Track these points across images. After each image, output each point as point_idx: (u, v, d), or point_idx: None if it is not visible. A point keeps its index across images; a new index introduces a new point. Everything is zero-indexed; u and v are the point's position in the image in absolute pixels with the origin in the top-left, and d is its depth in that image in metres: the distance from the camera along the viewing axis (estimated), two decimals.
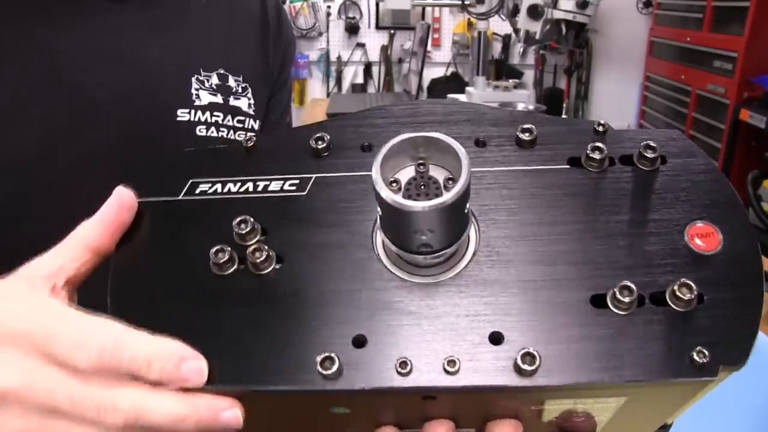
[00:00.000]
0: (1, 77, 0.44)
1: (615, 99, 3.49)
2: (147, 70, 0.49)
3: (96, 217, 0.32)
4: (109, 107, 0.47)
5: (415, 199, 0.27)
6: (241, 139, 0.41)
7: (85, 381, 0.27)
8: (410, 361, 0.27)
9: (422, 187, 0.28)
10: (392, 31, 3.45)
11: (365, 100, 2.04)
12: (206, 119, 0.51)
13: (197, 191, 0.33)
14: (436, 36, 3.46)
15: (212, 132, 0.51)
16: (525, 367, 0.26)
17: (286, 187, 0.33)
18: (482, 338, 0.28)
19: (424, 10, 3.34)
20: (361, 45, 3.49)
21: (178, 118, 0.50)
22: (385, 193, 0.26)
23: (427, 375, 0.27)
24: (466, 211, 0.28)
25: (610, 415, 0.30)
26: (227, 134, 0.52)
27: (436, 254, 0.29)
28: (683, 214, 0.30)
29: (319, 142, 0.33)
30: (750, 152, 2.40)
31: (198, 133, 0.50)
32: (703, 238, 0.30)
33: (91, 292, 0.31)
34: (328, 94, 3.46)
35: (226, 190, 0.33)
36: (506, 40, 3.44)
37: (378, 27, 3.47)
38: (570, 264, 0.29)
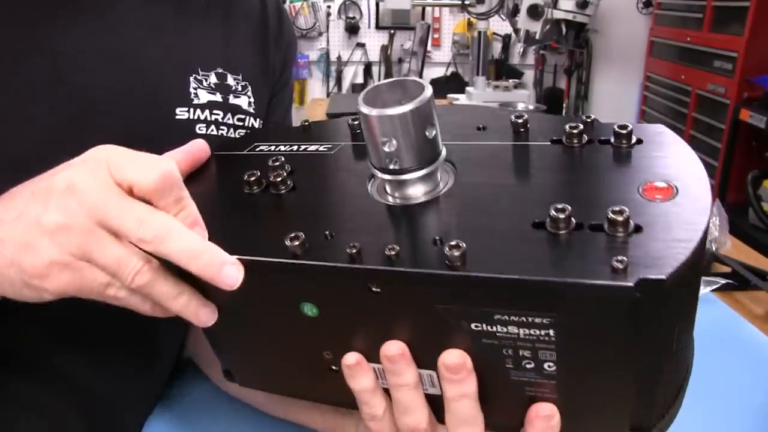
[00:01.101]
0: (1, 77, 0.45)
1: (615, 99, 3.49)
2: (146, 69, 0.50)
3: (180, 149, 0.40)
4: (109, 107, 0.48)
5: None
6: (233, 136, 0.53)
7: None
8: (362, 249, 0.32)
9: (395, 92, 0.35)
10: (392, 31, 3.45)
11: None
12: (205, 117, 0.51)
13: (257, 150, 0.44)
14: (436, 36, 3.46)
15: (212, 130, 0.52)
16: (454, 254, 0.29)
17: (321, 149, 0.43)
18: (426, 242, 0.32)
19: (424, 10, 3.34)
20: (361, 45, 3.49)
21: (177, 117, 0.50)
22: (359, 107, 0.33)
23: (373, 259, 0.31)
24: (430, 136, 0.34)
25: (552, 359, 0.30)
26: (227, 132, 0.53)
27: (403, 172, 0.34)
28: (645, 175, 0.32)
29: (356, 121, 0.43)
30: (750, 152, 2.40)
31: (198, 132, 0.51)
32: (658, 191, 0.31)
33: None
34: (328, 94, 3.46)
35: (277, 149, 0.44)
36: (506, 40, 3.44)
37: (378, 27, 3.47)
38: (525, 202, 0.33)
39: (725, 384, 0.59)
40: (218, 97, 0.52)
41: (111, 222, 0.32)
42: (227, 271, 0.32)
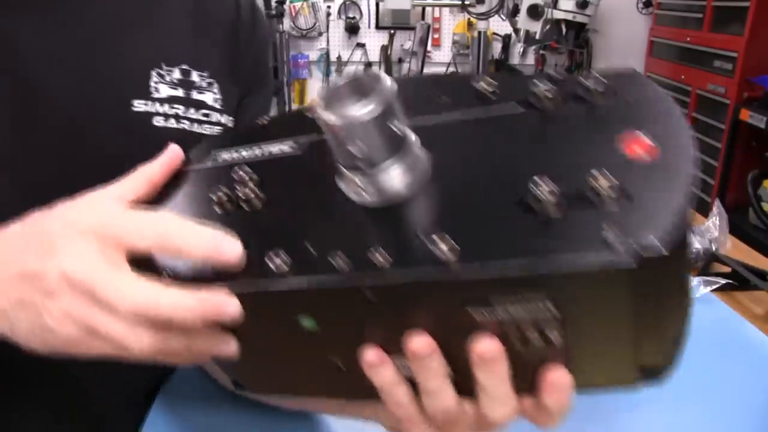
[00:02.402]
0: None
1: None
2: (109, 61, 0.51)
3: (158, 160, 0.40)
4: (54, 100, 0.48)
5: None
6: (207, 132, 0.54)
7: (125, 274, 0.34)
8: (352, 260, 0.30)
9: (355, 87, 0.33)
10: (392, 31, 3.45)
11: None
12: (164, 111, 0.52)
13: (219, 158, 0.42)
14: (436, 36, 3.46)
15: (171, 123, 0.53)
16: (448, 256, 0.28)
17: (284, 149, 0.40)
18: (413, 243, 0.30)
19: (424, 10, 3.34)
20: (361, 45, 3.49)
21: (135, 109, 0.51)
22: (318, 112, 0.32)
23: (363, 270, 0.30)
24: (398, 129, 0.32)
25: (557, 328, 0.29)
26: (189, 126, 0.54)
27: (373, 167, 0.32)
28: (625, 134, 0.30)
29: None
30: (750, 152, 2.40)
31: (155, 123, 0.52)
32: (642, 150, 0.29)
33: None
34: None
35: (239, 155, 0.41)
36: (506, 40, 3.44)
37: (378, 27, 3.47)
38: (507, 182, 0.31)
39: (725, 384, 0.59)
40: (180, 93, 0.53)
41: (106, 301, 0.33)
42: (228, 312, 0.33)
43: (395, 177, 0.33)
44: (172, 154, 0.41)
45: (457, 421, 0.34)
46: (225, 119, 0.56)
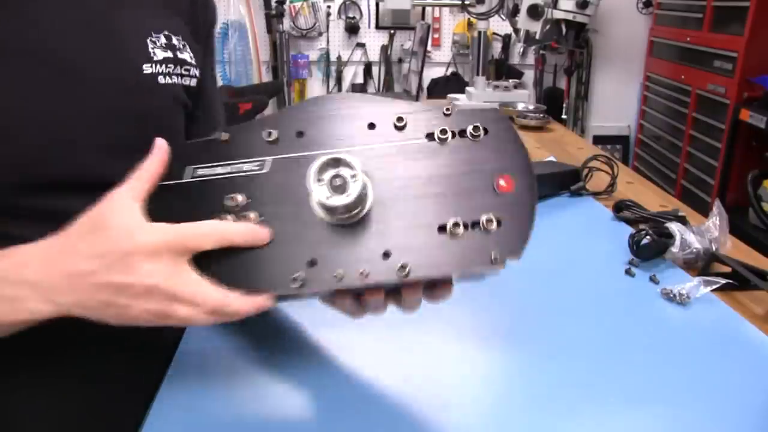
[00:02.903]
0: None
1: (615, 99, 3.49)
2: (112, 34, 0.61)
3: (153, 156, 0.49)
4: (82, 68, 0.57)
5: (334, 191, 0.45)
6: (187, 83, 0.67)
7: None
8: (344, 271, 0.45)
9: (337, 184, 0.45)
10: (392, 31, 3.45)
11: None
12: (163, 70, 0.64)
13: (199, 176, 0.49)
14: (436, 36, 3.46)
15: (168, 80, 0.64)
16: (402, 270, 0.45)
17: (254, 168, 0.49)
18: (378, 255, 0.46)
19: (424, 10, 3.34)
20: (361, 45, 3.49)
21: (144, 72, 0.62)
22: (314, 197, 0.46)
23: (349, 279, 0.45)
24: (364, 193, 0.46)
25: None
26: (179, 80, 0.66)
27: (349, 215, 0.46)
28: (493, 167, 0.47)
29: (270, 135, 0.49)
30: (750, 152, 2.40)
31: (160, 81, 0.63)
32: (504, 184, 0.47)
33: None
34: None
35: (216, 174, 0.49)
36: (506, 40, 3.44)
37: (378, 27, 3.47)
38: (426, 207, 0.47)
39: (725, 384, 0.59)
40: (169, 54, 0.65)
41: (188, 301, 0.46)
42: (265, 308, 0.46)
43: (360, 211, 0.47)
44: (161, 147, 0.50)
45: (379, 307, 0.49)
46: (197, 72, 0.69)
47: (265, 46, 3.42)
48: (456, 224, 0.45)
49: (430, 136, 0.48)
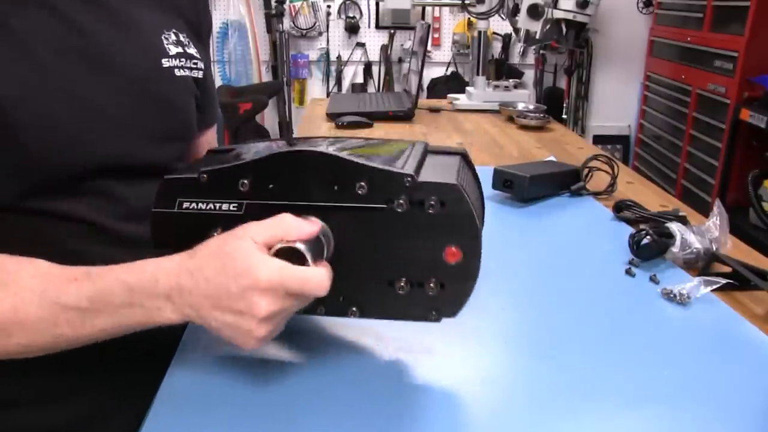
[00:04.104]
0: (35, 45, 0.59)
1: (615, 99, 3.49)
2: (136, 32, 0.68)
3: (305, 225, 0.52)
4: (117, 64, 0.65)
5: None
6: (196, 76, 0.75)
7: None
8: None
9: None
10: (392, 31, 3.45)
11: (365, 99, 2.04)
12: (177, 64, 0.71)
13: (183, 207, 0.56)
14: (436, 36, 3.46)
15: (181, 72, 0.72)
16: (353, 313, 0.56)
17: (232, 208, 0.55)
18: (338, 299, 0.55)
19: (424, 9, 3.34)
20: (361, 45, 3.49)
21: (164, 65, 0.70)
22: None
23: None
24: (322, 249, 0.52)
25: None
26: (190, 73, 0.74)
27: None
28: (445, 239, 0.53)
29: (242, 186, 0.54)
30: (750, 152, 2.40)
31: (176, 74, 0.71)
32: (452, 255, 0.53)
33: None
34: (328, 94, 3.46)
35: (198, 207, 0.56)
36: (506, 39, 3.44)
37: (378, 27, 3.47)
38: (381, 264, 0.55)
39: (725, 384, 0.59)
40: (180, 49, 0.73)
41: (306, 298, 0.52)
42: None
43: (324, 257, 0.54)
44: (316, 224, 0.55)
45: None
46: (202, 65, 0.77)
47: (264, 45, 3.42)
48: (404, 283, 0.54)
49: (389, 203, 0.53)
